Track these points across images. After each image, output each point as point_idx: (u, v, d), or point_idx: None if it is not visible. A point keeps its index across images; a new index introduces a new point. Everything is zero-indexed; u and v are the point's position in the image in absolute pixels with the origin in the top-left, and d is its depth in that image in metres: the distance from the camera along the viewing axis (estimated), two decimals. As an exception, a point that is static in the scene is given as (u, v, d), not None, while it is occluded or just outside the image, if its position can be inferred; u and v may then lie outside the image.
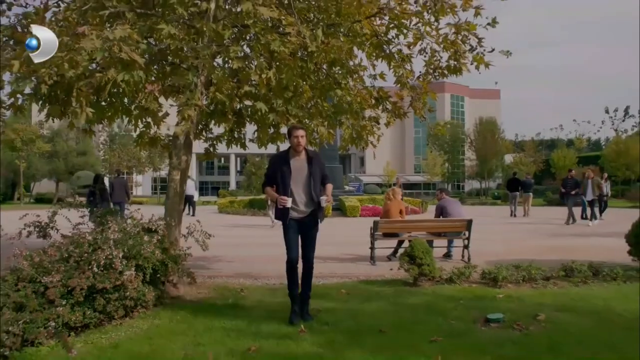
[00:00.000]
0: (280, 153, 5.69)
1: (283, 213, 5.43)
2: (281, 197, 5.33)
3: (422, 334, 4.87)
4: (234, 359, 4.27)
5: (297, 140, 5.39)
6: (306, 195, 5.47)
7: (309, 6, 6.59)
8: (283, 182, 5.41)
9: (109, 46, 4.32)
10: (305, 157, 5.50)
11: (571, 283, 7.23)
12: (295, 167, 5.45)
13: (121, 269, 5.12)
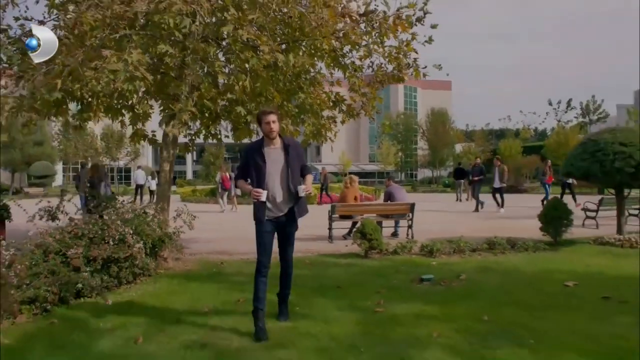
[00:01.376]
0: (254, 143, 5.13)
1: (258, 209, 4.78)
2: (255, 189, 4.69)
3: (370, 289, 6.35)
4: (228, 306, 5.63)
5: (270, 126, 4.74)
6: (284, 189, 4.81)
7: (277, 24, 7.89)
8: (257, 174, 4.78)
9: (128, 68, 5.55)
10: (281, 146, 4.87)
11: (492, 253, 8.88)
12: (270, 157, 4.79)
13: (131, 242, 6.39)
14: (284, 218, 4.87)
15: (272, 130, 4.74)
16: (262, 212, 4.77)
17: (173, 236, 7.39)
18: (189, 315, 5.31)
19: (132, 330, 4.82)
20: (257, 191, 4.66)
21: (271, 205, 4.80)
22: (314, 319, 5.10)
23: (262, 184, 4.75)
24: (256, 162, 4.79)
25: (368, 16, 7.28)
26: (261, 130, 4.91)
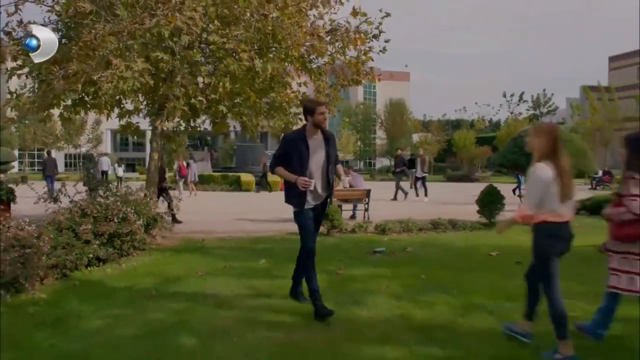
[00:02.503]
0: (295, 132, 5.26)
1: (299, 197, 4.90)
2: (303, 178, 4.74)
3: (333, 258, 7.73)
4: (217, 272, 6.91)
5: (323, 117, 4.91)
6: (323, 178, 5.00)
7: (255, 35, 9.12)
8: (300, 163, 4.86)
9: (135, 75, 6.72)
10: (322, 136, 5.02)
11: (435, 232, 10.41)
12: (313, 146, 4.93)
13: (133, 220, 7.58)
14: (319, 205, 5.10)
15: (324, 120, 4.92)
16: (303, 201, 4.91)
17: (163, 216, 8.59)
18: (187, 277, 6.58)
19: (145, 286, 6.07)
20: (307, 180, 4.72)
21: (312, 193, 4.91)
22: (288, 278, 6.43)
23: (304, 173, 4.83)
24: (300, 150, 4.87)
25: (333, 33, 8.62)
26: (312, 120, 4.92)
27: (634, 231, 3.97)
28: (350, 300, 5.48)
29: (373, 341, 4.30)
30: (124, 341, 4.31)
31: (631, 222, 3.96)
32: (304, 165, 4.88)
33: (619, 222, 4.07)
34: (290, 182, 4.90)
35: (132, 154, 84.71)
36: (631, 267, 4.05)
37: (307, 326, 4.69)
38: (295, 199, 4.96)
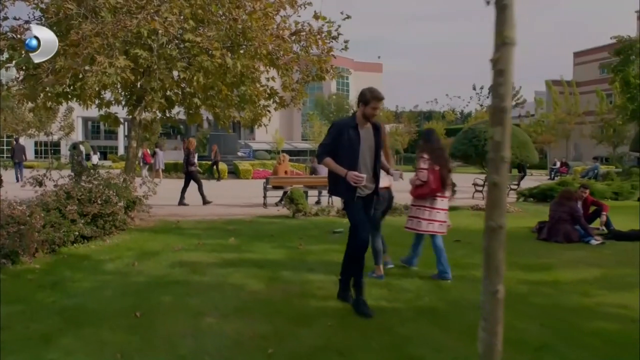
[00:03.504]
0: (346, 121, 4.97)
1: (348, 189, 4.70)
2: (355, 173, 4.56)
3: (295, 237, 8.67)
4: (191, 247, 7.79)
5: (375, 112, 4.78)
6: (371, 169, 4.86)
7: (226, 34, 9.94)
8: (350, 153, 4.70)
9: (118, 72, 7.52)
10: (372, 127, 4.88)
11: (394, 215, 11.38)
12: (364, 136, 4.79)
13: (115, 202, 8.38)
14: (370, 196, 4.91)
15: (374, 115, 4.79)
16: (354, 193, 4.74)
17: (142, 199, 9.41)
18: (164, 252, 7.44)
19: (127, 259, 6.91)
20: (358, 176, 4.54)
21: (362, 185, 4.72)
22: (255, 252, 7.39)
23: (355, 163, 4.69)
24: (351, 140, 4.72)
25: (297, 34, 9.50)
26: (363, 110, 4.78)
27: (421, 191, 6.11)
28: (305, 268, 6.44)
29: (320, 298, 5.25)
30: (112, 298, 5.18)
31: (421, 186, 6.10)
32: (355, 156, 4.72)
33: (414, 185, 6.19)
34: (338, 174, 4.68)
35: (104, 142, 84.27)
36: (421, 215, 6.21)
37: (269, 287, 5.62)
38: (344, 190, 4.77)
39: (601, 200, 10.61)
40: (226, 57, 8.96)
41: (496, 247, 1.64)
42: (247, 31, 9.35)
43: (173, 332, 4.25)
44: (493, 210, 1.64)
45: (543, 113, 49.00)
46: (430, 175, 6.01)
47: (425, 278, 6.12)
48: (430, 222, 6.17)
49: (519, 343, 3.98)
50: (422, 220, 6.18)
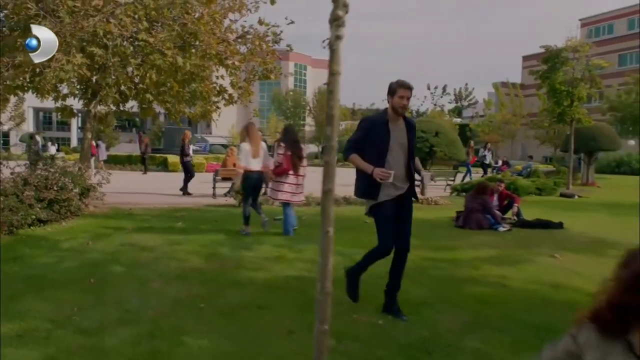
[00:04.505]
0: (376, 116, 4.81)
1: (375, 189, 4.44)
2: (382, 170, 4.30)
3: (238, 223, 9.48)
4: (142, 230, 8.55)
5: (404, 102, 4.45)
6: (403, 167, 4.52)
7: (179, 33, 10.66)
8: (379, 150, 4.43)
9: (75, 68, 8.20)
10: (404, 123, 4.60)
11: (342, 205, 12.39)
12: (394, 133, 4.50)
13: (70, 188, 9.05)
14: (404, 196, 4.56)
15: (404, 106, 4.48)
16: (378, 193, 4.44)
17: (96, 187, 10.09)
18: (117, 233, 8.20)
19: (82, 240, 7.64)
20: (385, 172, 4.28)
21: (391, 184, 4.42)
22: (198, 234, 8.23)
23: (383, 160, 4.41)
24: (380, 136, 4.46)
25: (243, 37, 10.35)
26: (391, 102, 4.50)
27: (278, 170, 8.30)
28: (242, 247, 7.34)
29: (251, 269, 6.16)
30: (69, 269, 5.96)
31: (278, 165, 8.29)
32: (383, 153, 4.43)
33: (274, 165, 8.35)
34: (365, 173, 4.43)
35: (56, 133, 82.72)
36: (278, 187, 8.38)
37: (207, 261, 6.49)
38: (370, 191, 4.49)
39: (515, 194, 11.83)
40: (177, 56, 9.72)
41: (328, 204, 2.56)
42: (197, 34, 10.12)
43: (122, 294, 5.08)
44: (326, 179, 2.57)
45: (490, 114, 51.06)
46: (285, 160, 8.26)
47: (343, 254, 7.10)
48: (284, 193, 8.41)
49: (404, 301, 4.98)
50: (278, 191, 8.46)
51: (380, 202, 4.49)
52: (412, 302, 5.04)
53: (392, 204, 4.50)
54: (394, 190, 4.48)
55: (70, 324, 4.21)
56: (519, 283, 5.94)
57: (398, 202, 4.53)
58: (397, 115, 4.53)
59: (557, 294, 5.55)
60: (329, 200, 2.62)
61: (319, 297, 2.62)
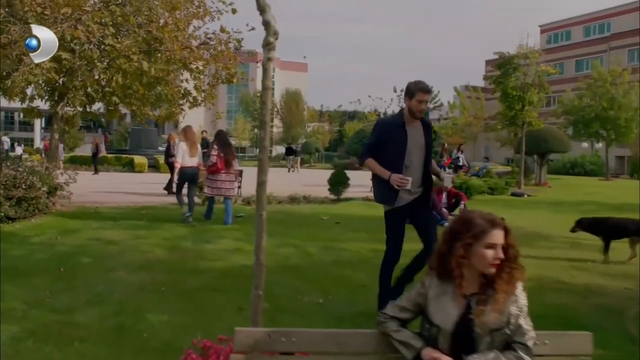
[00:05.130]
0: (392, 119, 4.75)
1: (391, 194, 4.33)
2: (399, 176, 4.22)
3: (201, 220, 10.03)
4: (108, 226, 9.01)
5: (421, 106, 4.34)
6: (420, 171, 4.44)
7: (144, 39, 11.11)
8: (395, 153, 4.34)
9: (43, 72, 8.61)
10: (421, 125, 4.49)
11: (292, 204, 12.99)
12: (411, 136, 4.38)
13: (38, 187, 9.44)
14: (417, 200, 4.46)
15: (421, 110, 4.36)
16: (396, 198, 4.32)
17: (63, 186, 10.48)
18: (84, 230, 8.64)
19: (50, 235, 8.07)
20: (403, 178, 4.19)
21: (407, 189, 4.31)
22: (162, 230, 8.74)
23: (399, 164, 4.32)
24: (396, 140, 4.35)
25: (206, 44, 10.90)
26: (409, 105, 4.40)
27: (212, 169, 9.55)
28: (203, 240, 7.90)
29: (209, 260, 6.73)
30: (40, 261, 6.42)
31: (212, 165, 9.59)
32: (400, 157, 4.34)
33: (208, 166, 9.63)
34: (382, 178, 4.34)
35: (18, 133, 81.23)
36: (212, 184, 9.72)
37: (170, 253, 7.03)
38: (388, 196, 4.37)
39: (463, 193, 12.63)
40: (143, 61, 10.19)
41: (261, 193, 3.17)
42: (162, 40, 10.61)
43: (90, 281, 5.59)
44: (260, 173, 3.18)
45: (454, 117, 52.42)
46: (218, 160, 9.52)
47: (297, 246, 7.71)
48: (219, 189, 9.73)
49: (345, 284, 5.63)
50: (214, 187, 9.76)
51: (397, 207, 4.38)
52: (352, 285, 5.69)
53: (407, 209, 4.40)
54: (409, 195, 4.38)
55: (44, 305, 4.72)
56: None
57: (414, 205, 4.44)
58: (413, 118, 4.42)
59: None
60: (262, 190, 3.25)
61: (255, 268, 3.25)
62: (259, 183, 3.23)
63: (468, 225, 2.13)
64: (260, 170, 3.22)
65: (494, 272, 2.10)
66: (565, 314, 5.06)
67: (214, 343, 3.34)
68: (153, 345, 3.84)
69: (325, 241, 8.23)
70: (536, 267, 6.99)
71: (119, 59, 10.18)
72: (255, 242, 3.29)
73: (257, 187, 3.23)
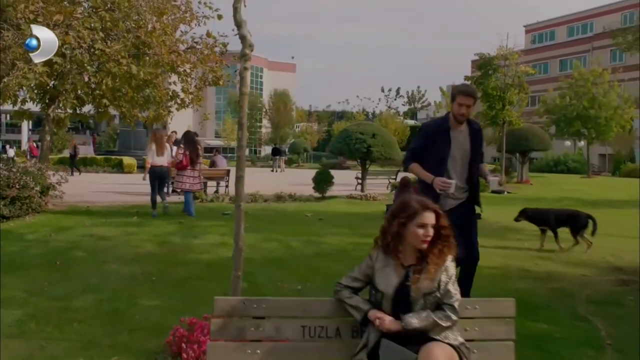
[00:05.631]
0: (436, 122, 4.71)
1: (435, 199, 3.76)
2: (442, 179, 4.15)
3: (195, 218, 10.43)
4: (99, 224, 9.38)
5: (462, 110, 4.26)
6: (464, 176, 4.36)
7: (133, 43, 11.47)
8: (438, 158, 4.29)
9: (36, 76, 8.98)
10: (468, 129, 4.40)
11: (277, 202, 13.42)
12: (456, 140, 4.32)
13: (31, 187, 9.79)
14: (461, 206, 4.35)
15: (463, 114, 4.27)
16: (443, 203, 4.03)
17: (55, 186, 10.84)
18: (76, 227, 9.01)
19: (45, 232, 8.44)
20: (446, 182, 4.10)
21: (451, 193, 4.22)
22: (152, 227, 9.13)
23: (442, 169, 4.26)
24: (440, 144, 4.30)
25: (192, 49, 11.30)
26: (452, 108, 4.38)
27: (179, 166, 10.53)
28: (191, 236, 8.31)
29: (197, 252, 7.14)
30: (36, 255, 6.80)
31: (179, 162, 10.59)
32: (443, 162, 4.28)
33: (176, 163, 10.67)
34: (427, 183, 4.28)
35: (5, 135, 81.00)
36: (180, 179, 10.65)
37: (160, 247, 7.43)
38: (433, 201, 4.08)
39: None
40: (132, 65, 10.56)
41: (239, 186, 3.60)
42: (150, 45, 10.99)
43: (85, 273, 5.99)
44: (238, 168, 3.61)
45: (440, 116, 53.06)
46: (184, 157, 10.56)
47: (281, 241, 8.14)
48: (184, 183, 10.67)
49: (325, 274, 6.07)
50: (180, 182, 10.73)
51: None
52: (330, 274, 6.10)
53: (451, 214, 3.90)
54: (452, 200, 4.30)
55: (43, 293, 5.12)
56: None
57: (458, 211, 4.25)
58: (458, 122, 4.34)
59: (453, 267, 6.73)
60: (240, 184, 3.68)
61: (234, 252, 3.68)
62: (237, 177, 3.66)
63: (404, 207, 2.58)
64: (238, 166, 3.65)
65: (425, 247, 2.55)
66: (524, 297, 5.48)
67: (199, 320, 3.77)
68: (145, 325, 4.26)
69: (307, 236, 8.67)
70: (505, 257, 7.51)
71: (109, 62, 10.54)
72: (235, 230, 3.72)
73: (236, 181, 3.66)
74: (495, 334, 2.82)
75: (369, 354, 2.52)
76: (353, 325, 2.70)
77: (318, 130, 64.82)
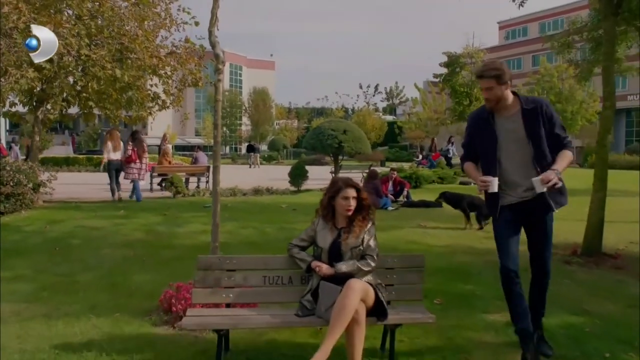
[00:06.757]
0: (479, 111, 3.91)
1: (492, 200, 3.69)
2: (481, 178, 3.63)
3: (172, 209, 11.27)
4: (90, 217, 10.17)
5: (486, 95, 3.65)
6: (524, 168, 3.60)
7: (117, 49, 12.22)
8: (485, 152, 3.70)
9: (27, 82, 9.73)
10: (520, 111, 3.61)
11: (255, 196, 14.30)
12: (504, 127, 3.64)
13: (24, 184, 10.54)
14: (531, 204, 3.61)
15: (488, 99, 3.65)
16: (497, 205, 3.67)
17: (45, 183, 11.59)
18: (68, 220, 9.79)
19: (40, 225, 9.21)
20: (485, 180, 3.59)
21: (508, 188, 3.65)
22: (139, 218, 9.96)
23: (492, 165, 3.66)
24: (483, 136, 3.71)
25: (172, 54, 12.12)
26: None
27: (128, 160, 12.80)
28: (175, 225, 9.18)
29: (182, 238, 8.02)
30: (35, 244, 7.61)
31: (128, 156, 12.81)
32: (490, 155, 3.68)
33: (126, 157, 12.84)
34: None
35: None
36: (130, 171, 12.89)
37: (147, 234, 8.28)
38: (489, 205, 3.79)
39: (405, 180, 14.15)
40: (116, 69, 11.34)
41: (216, 174, 4.50)
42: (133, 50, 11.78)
43: (82, 255, 6.85)
44: (214, 160, 4.51)
45: (417, 112, 54.19)
46: (132, 153, 12.75)
47: (256, 228, 9.02)
48: (133, 174, 12.84)
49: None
50: (129, 173, 12.80)
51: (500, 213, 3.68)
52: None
53: (510, 214, 3.65)
54: (515, 195, 3.65)
55: (48, 271, 5.98)
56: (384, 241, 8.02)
57: (523, 212, 3.66)
58: (505, 104, 3.63)
59: (407, 245, 7.70)
60: (216, 171, 4.58)
61: (212, 227, 4.58)
62: (214, 167, 4.56)
63: (333, 184, 3.53)
64: (215, 158, 4.55)
65: (350, 214, 3.48)
66: (463, 267, 6.49)
67: (184, 283, 4.66)
68: (140, 293, 5.15)
69: (281, 223, 9.57)
70: (455, 237, 8.50)
71: (94, 67, 11.31)
72: (212, 209, 4.62)
73: (213, 169, 4.56)
74: (409, 280, 3.78)
75: (312, 293, 3.46)
76: (302, 275, 3.64)
77: (298, 127, 65.58)
